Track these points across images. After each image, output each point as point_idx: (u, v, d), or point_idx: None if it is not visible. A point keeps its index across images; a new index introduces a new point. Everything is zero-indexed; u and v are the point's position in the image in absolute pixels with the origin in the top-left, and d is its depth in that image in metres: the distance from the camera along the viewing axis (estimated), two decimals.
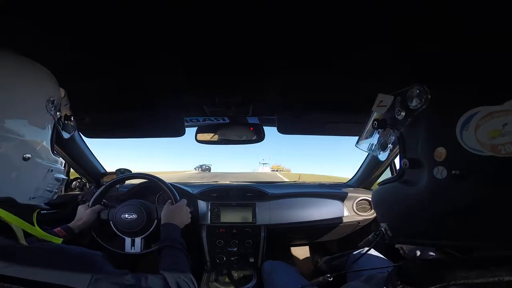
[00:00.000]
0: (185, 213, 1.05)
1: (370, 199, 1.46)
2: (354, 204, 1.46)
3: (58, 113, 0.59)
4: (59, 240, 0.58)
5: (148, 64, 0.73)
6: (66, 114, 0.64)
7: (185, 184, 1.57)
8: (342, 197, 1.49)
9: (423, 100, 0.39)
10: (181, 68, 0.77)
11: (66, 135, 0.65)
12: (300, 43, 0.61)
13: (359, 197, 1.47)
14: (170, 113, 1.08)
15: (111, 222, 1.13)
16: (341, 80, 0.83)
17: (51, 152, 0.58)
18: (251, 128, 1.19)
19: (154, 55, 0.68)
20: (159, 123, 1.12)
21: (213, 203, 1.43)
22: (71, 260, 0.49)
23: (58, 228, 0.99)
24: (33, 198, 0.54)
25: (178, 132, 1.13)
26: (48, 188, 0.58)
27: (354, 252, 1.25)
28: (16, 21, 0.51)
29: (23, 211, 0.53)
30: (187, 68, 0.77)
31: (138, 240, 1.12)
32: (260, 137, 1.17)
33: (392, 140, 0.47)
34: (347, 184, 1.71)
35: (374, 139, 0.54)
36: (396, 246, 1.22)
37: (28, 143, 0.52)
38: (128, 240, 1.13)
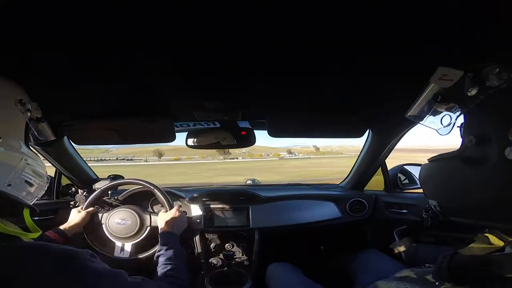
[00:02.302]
0: (181, 218, 1.05)
1: (363, 200, 1.47)
2: (348, 206, 1.47)
3: (28, 113, 0.64)
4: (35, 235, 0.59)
5: (135, 69, 0.73)
6: (37, 117, 0.68)
7: (178, 188, 1.57)
8: (335, 199, 1.50)
9: (502, 78, 0.38)
10: (168, 73, 0.77)
11: (41, 136, 0.70)
12: (287, 49, 0.61)
13: (352, 198, 1.48)
14: (159, 119, 1.08)
15: (103, 225, 1.14)
16: (328, 82, 0.84)
17: (24, 145, 0.62)
18: (243, 132, 1.19)
19: (140, 60, 0.67)
20: (149, 129, 1.12)
21: (206, 207, 1.43)
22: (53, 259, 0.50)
23: (50, 231, 0.99)
24: (9, 185, 0.55)
25: (168, 137, 1.13)
26: (26, 179, 0.59)
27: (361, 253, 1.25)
28: None
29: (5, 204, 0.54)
30: (175, 73, 0.77)
31: (128, 246, 1.12)
32: (250, 141, 1.17)
33: (457, 115, 0.46)
34: (340, 186, 1.72)
35: (432, 112, 0.52)
36: (395, 251, 1.23)
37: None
38: (118, 245, 1.13)
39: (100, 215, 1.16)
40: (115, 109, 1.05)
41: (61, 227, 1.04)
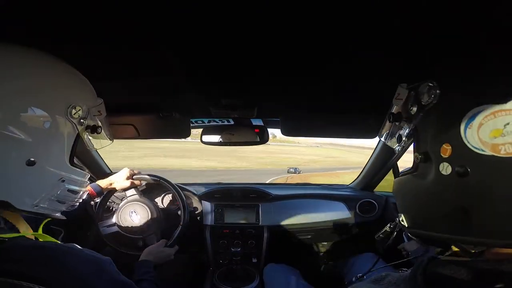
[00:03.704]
0: (163, 256, 1.04)
1: (374, 201, 1.47)
2: (358, 206, 1.47)
3: (83, 120, 0.54)
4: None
5: (151, 64, 0.74)
6: (94, 125, 0.58)
7: (189, 184, 1.59)
8: (345, 199, 1.50)
9: (432, 95, 0.39)
10: (186, 69, 0.78)
11: (91, 146, 0.61)
12: (301, 47, 0.62)
13: (363, 198, 1.48)
14: (175, 115, 1.09)
15: (117, 207, 1.17)
16: (343, 82, 0.84)
17: (67, 162, 0.53)
18: (256, 130, 1.20)
19: (157, 55, 0.68)
20: (164, 125, 1.13)
21: (217, 204, 1.45)
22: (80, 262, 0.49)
23: (89, 188, 1.03)
24: (36, 206, 0.50)
25: (183, 133, 1.15)
26: (58, 199, 0.53)
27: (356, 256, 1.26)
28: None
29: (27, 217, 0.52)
30: (192, 69, 0.78)
31: (113, 228, 1.17)
32: (264, 138, 1.18)
33: (406, 134, 0.47)
34: (349, 186, 1.72)
35: (392, 131, 0.54)
36: (398, 247, 1.23)
37: (36, 147, 0.47)
38: (108, 221, 1.18)
39: (127, 194, 1.19)
40: (132, 104, 1.07)
41: (101, 183, 1.08)
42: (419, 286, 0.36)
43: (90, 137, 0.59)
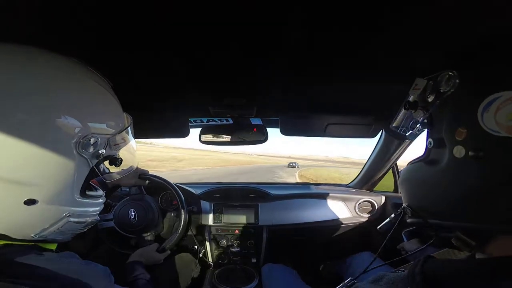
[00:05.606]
0: (153, 260, 1.04)
1: (373, 201, 1.47)
2: (357, 206, 1.47)
3: (100, 151, 0.47)
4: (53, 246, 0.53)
5: (151, 64, 0.73)
6: (113, 157, 0.51)
7: (188, 184, 1.58)
8: (344, 198, 1.50)
9: (451, 84, 0.41)
10: (185, 69, 0.77)
11: (108, 179, 0.55)
12: (300, 46, 0.62)
13: (362, 198, 1.48)
14: (174, 114, 1.09)
15: (117, 204, 1.16)
16: (343, 82, 0.84)
17: (75, 196, 0.48)
18: (254, 129, 1.20)
19: (157, 55, 0.68)
20: (163, 124, 1.13)
21: (216, 204, 1.45)
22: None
23: (94, 180, 1.02)
24: (35, 235, 0.47)
25: (182, 133, 1.14)
26: (61, 230, 0.49)
27: (354, 256, 1.26)
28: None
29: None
30: (192, 69, 0.77)
31: (109, 223, 1.14)
32: (263, 137, 1.18)
33: (421, 121, 0.50)
34: (349, 186, 1.72)
35: (406, 119, 0.56)
36: (398, 247, 1.24)
37: (36, 187, 0.42)
38: (105, 216, 1.15)
39: (131, 192, 1.17)
40: (130, 103, 1.06)
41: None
42: (417, 285, 0.36)
43: (108, 168, 0.53)
